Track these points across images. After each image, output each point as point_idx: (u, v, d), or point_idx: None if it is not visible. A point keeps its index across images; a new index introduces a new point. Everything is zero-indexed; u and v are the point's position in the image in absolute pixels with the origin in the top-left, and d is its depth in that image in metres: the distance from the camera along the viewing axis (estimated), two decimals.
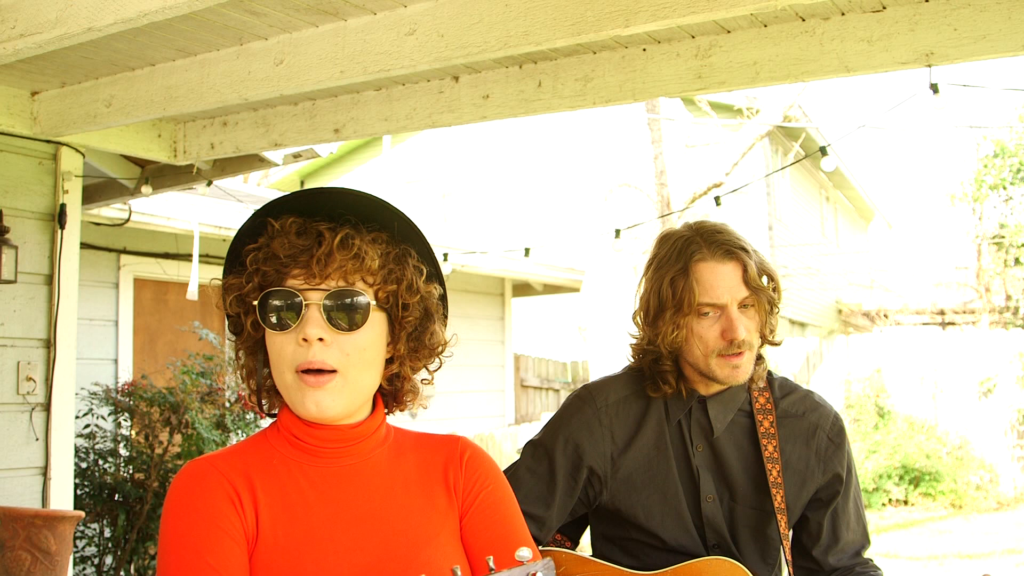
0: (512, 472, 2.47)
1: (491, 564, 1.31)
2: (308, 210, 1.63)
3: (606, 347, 13.10)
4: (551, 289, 13.11)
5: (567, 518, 2.50)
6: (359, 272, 1.60)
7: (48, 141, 4.79)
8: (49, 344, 4.69)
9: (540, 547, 2.40)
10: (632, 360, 2.53)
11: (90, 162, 5.39)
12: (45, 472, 4.65)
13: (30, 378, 4.60)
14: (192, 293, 6.09)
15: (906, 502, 13.33)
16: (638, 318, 2.47)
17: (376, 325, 1.62)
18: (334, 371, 1.57)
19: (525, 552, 1.28)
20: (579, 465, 2.42)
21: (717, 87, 3.71)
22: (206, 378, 6.16)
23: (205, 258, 6.21)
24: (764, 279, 2.34)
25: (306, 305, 1.57)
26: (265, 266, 1.59)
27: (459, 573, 1.26)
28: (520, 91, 4.11)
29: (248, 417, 6.20)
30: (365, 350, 1.61)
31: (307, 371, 1.56)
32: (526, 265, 11.53)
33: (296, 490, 1.61)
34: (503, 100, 4.15)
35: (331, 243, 1.58)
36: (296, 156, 5.45)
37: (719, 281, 2.30)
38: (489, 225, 17.33)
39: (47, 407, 4.66)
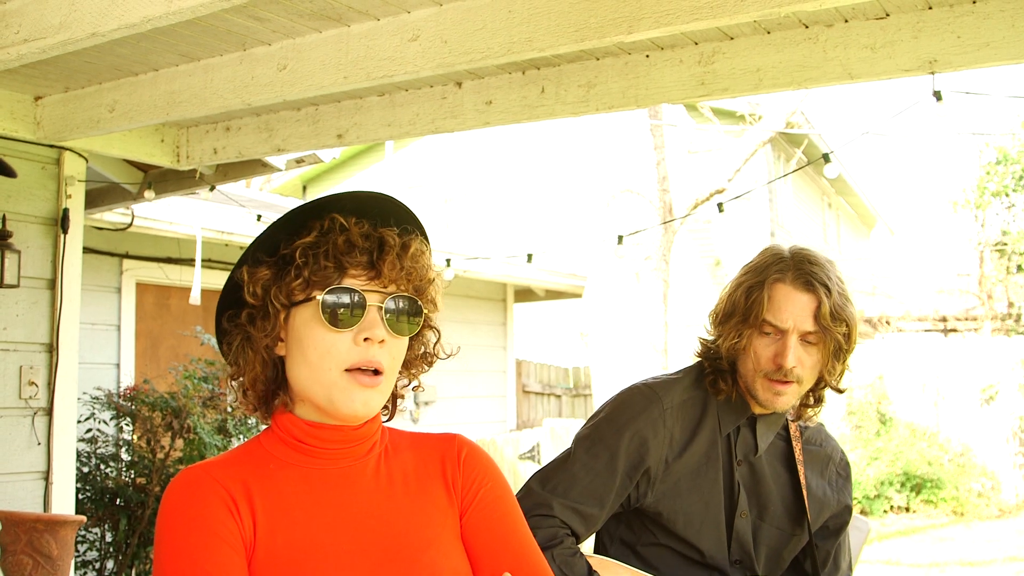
0: (565, 467, 2.42)
1: None
2: (356, 212, 1.63)
3: (608, 353, 13.09)
4: (553, 295, 13.11)
5: (605, 518, 2.47)
6: (419, 281, 1.64)
7: (51, 146, 4.80)
8: (51, 348, 4.69)
9: (580, 549, 2.37)
10: (697, 355, 2.55)
11: (93, 167, 5.39)
12: (47, 476, 4.65)
13: (32, 382, 4.61)
14: (195, 298, 6.10)
15: (908, 509, 13.31)
16: (712, 316, 2.51)
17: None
18: (383, 373, 1.59)
19: None
20: (640, 464, 2.39)
21: (720, 94, 3.71)
22: (208, 383, 6.16)
23: (208, 263, 6.22)
24: (838, 324, 2.31)
25: (369, 306, 1.57)
26: (325, 261, 1.56)
27: None
28: (523, 97, 4.12)
29: (250, 422, 6.20)
30: (403, 354, 1.64)
31: (360, 370, 1.56)
32: (528, 270, 11.53)
33: (294, 494, 1.59)
34: (506, 106, 4.16)
35: (400, 248, 1.61)
36: (299, 161, 5.46)
37: (788, 306, 2.31)
38: (491, 230, 17.34)
39: (49, 411, 4.66)
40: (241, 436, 6.15)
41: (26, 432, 4.59)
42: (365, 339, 1.56)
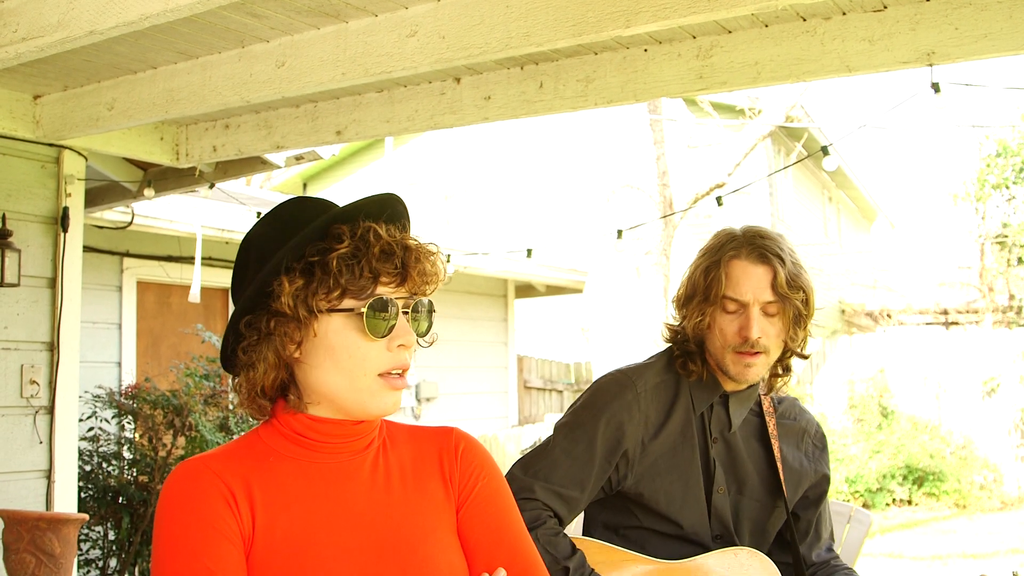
0: (546, 453, 2.50)
1: None
2: (376, 216, 1.64)
3: (609, 348, 13.10)
4: (554, 290, 13.11)
5: (587, 502, 2.55)
6: (433, 284, 1.67)
7: (50, 144, 4.80)
8: (52, 347, 4.70)
9: (562, 529, 2.44)
10: (665, 340, 2.64)
11: (92, 165, 5.39)
12: (49, 475, 4.65)
13: (34, 381, 4.61)
14: (194, 295, 6.10)
15: (910, 502, 13.32)
16: (675, 300, 2.62)
17: None
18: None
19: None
20: (617, 447, 2.48)
21: (719, 87, 3.71)
22: (209, 380, 6.16)
23: (208, 261, 6.23)
24: (795, 291, 2.42)
25: (400, 314, 1.61)
26: (363, 271, 1.57)
27: None
28: (522, 92, 4.12)
29: (252, 421, 6.20)
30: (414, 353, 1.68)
31: (391, 373, 1.60)
32: (528, 266, 11.53)
33: (293, 488, 1.60)
34: (505, 101, 4.16)
35: (419, 253, 1.63)
36: (298, 158, 5.46)
37: (746, 280, 2.42)
38: (491, 227, 17.33)
39: (51, 410, 4.67)
40: (242, 433, 6.14)
41: (28, 431, 4.60)
42: (399, 346, 1.60)
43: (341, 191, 18.03)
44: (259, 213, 6.73)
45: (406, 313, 1.61)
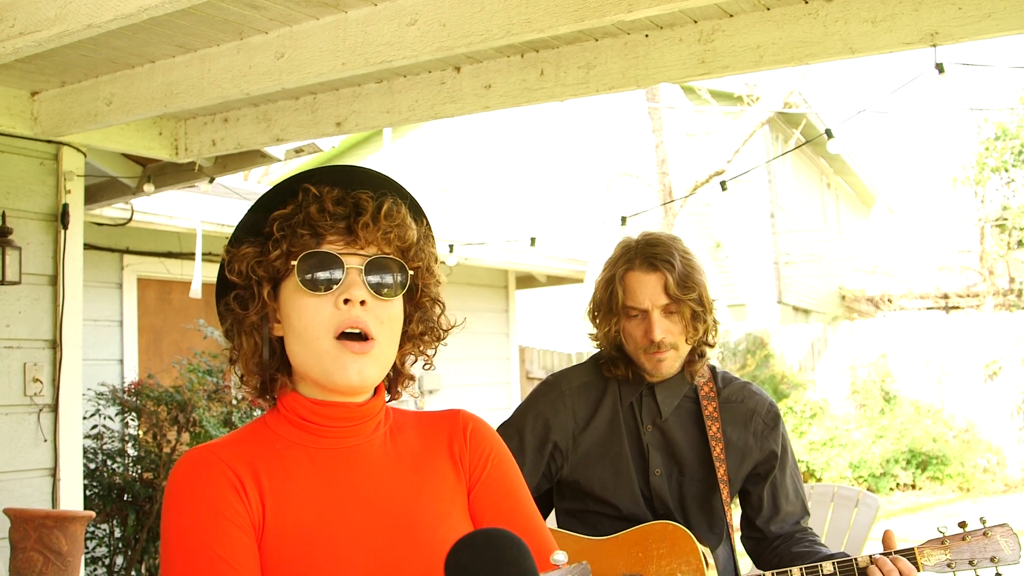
0: None
1: None
2: (332, 184, 1.62)
3: None
4: (554, 280, 13.09)
5: (534, 493, 2.79)
6: (398, 243, 1.63)
7: (49, 141, 4.78)
8: (55, 345, 4.68)
9: None
10: (594, 347, 2.92)
11: (91, 162, 5.37)
12: (54, 473, 4.64)
13: (37, 379, 4.59)
14: (195, 291, 6.08)
15: (914, 486, 13.32)
16: (588, 314, 2.89)
17: (401, 299, 1.65)
18: (373, 339, 1.57)
19: (560, 556, 1.28)
20: (546, 440, 2.80)
21: (721, 72, 3.69)
22: (212, 376, 6.15)
23: (208, 256, 6.19)
24: (687, 291, 2.67)
25: (347, 269, 1.57)
26: (301, 230, 1.56)
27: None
28: (522, 80, 4.09)
29: (255, 414, 6.19)
30: (395, 320, 1.63)
31: (349, 337, 1.55)
32: (529, 257, 11.51)
33: (302, 474, 1.57)
34: (506, 89, 4.14)
35: (375, 210, 1.60)
36: (298, 151, 5.43)
37: (641, 289, 2.69)
38: (491, 218, 17.31)
39: (55, 408, 4.65)
40: None
41: (32, 429, 4.58)
42: (346, 301, 1.56)
43: None
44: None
45: (359, 271, 1.57)
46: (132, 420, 6.20)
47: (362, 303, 1.56)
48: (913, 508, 12.22)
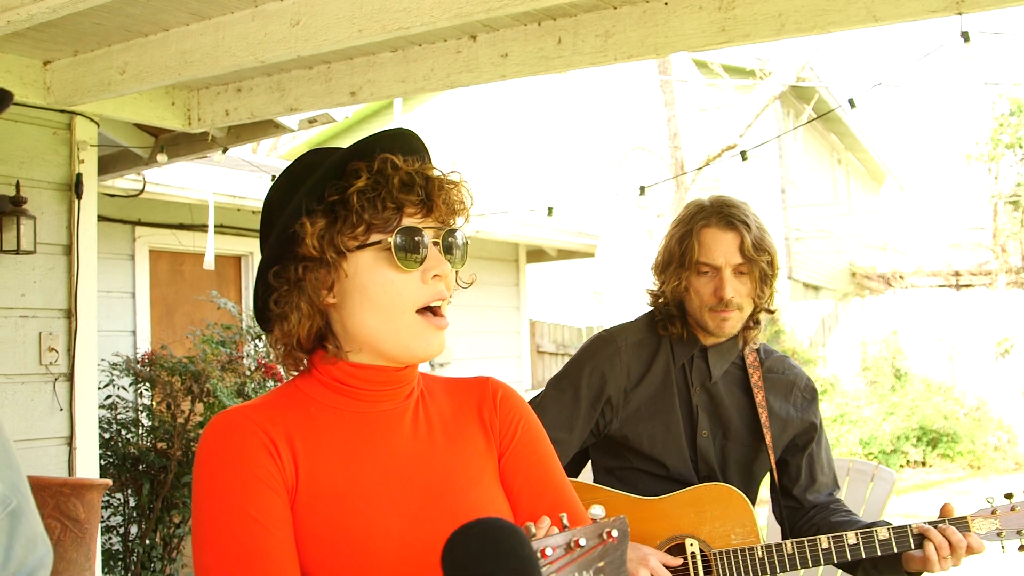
0: (537, 403, 2.83)
1: (565, 521, 1.29)
2: (394, 150, 1.59)
3: (622, 312, 13.06)
4: (565, 254, 13.07)
5: (581, 447, 2.88)
6: (460, 212, 1.64)
7: (62, 111, 4.76)
8: (70, 314, 4.68)
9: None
10: (648, 304, 2.94)
11: (104, 132, 5.35)
12: (70, 442, 4.65)
13: (52, 348, 4.60)
14: (209, 263, 6.08)
15: (924, 463, 13.30)
16: (654, 267, 2.91)
17: None
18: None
19: (598, 510, 1.26)
20: (600, 394, 2.81)
21: (741, 40, 3.64)
22: (226, 347, 6.15)
23: (220, 228, 6.19)
24: (761, 253, 2.72)
25: (430, 243, 1.56)
26: (383, 203, 1.53)
27: (533, 529, 1.24)
28: (540, 49, 4.05)
29: (268, 384, 6.19)
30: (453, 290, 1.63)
31: (432, 312, 1.56)
32: (540, 231, 11.48)
33: (336, 438, 1.56)
34: (522, 58, 4.09)
35: (443, 181, 1.60)
36: (311, 121, 5.40)
37: (717, 246, 2.72)
38: (501, 191, 17.26)
39: (70, 377, 4.66)
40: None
41: (48, 398, 4.59)
42: (434, 276, 1.55)
43: None
44: (273, 176, 6.70)
45: (437, 244, 1.57)
46: (146, 391, 6.21)
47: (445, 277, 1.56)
48: (923, 485, 12.21)
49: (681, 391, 2.85)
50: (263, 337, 6.38)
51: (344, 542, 1.47)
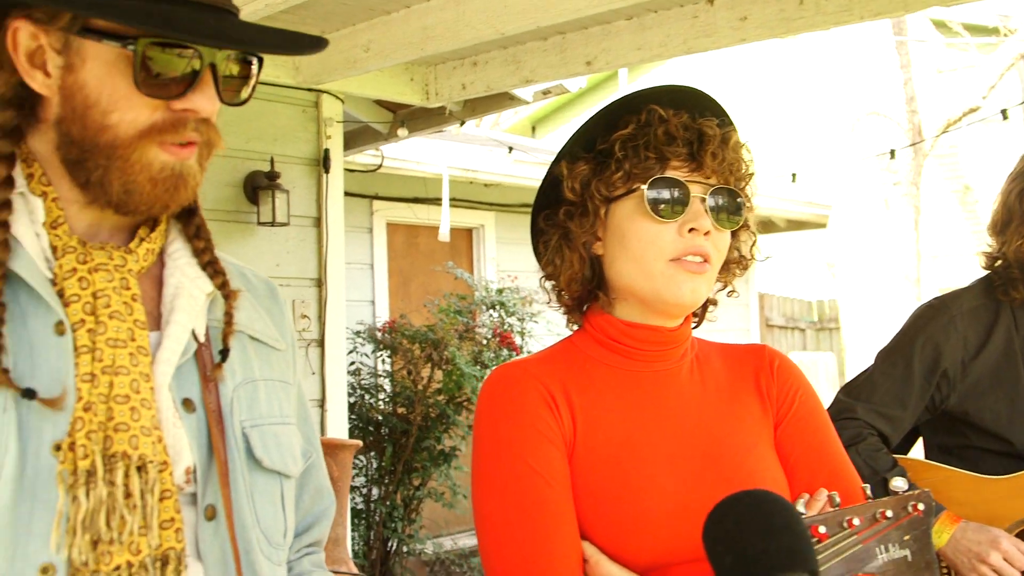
0: (865, 377, 2.64)
1: (868, 492, 1.26)
2: (672, 105, 1.58)
3: (857, 284, 12.60)
4: (794, 225, 12.69)
5: (914, 424, 2.65)
6: (739, 175, 1.59)
7: (310, 89, 5.00)
8: (320, 283, 4.92)
9: (885, 449, 2.56)
10: (984, 268, 2.67)
11: (346, 109, 5.58)
12: (322, 404, 4.89)
13: (304, 316, 4.84)
14: (444, 235, 6.25)
15: None
16: (991, 228, 2.65)
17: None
18: (708, 262, 1.54)
19: (900, 483, 1.22)
20: (935, 367, 2.55)
21: None
22: (463, 316, 6.32)
23: (455, 201, 6.35)
24: None
25: (693, 197, 1.53)
26: (646, 152, 1.53)
27: (801, 505, 1.21)
28: (780, 10, 3.93)
29: (504, 354, 6.32)
30: (726, 249, 1.59)
31: (686, 260, 1.53)
32: (769, 201, 11.19)
33: (612, 395, 1.56)
34: (762, 20, 3.98)
35: (720, 140, 1.56)
36: (545, 92, 5.46)
37: None
38: None
39: (321, 343, 4.90)
40: (494, 367, 6.28)
41: (301, 363, 4.83)
42: (690, 230, 1.52)
43: (569, 131, 18.06)
44: (511, 148, 6.81)
45: (703, 200, 1.53)
46: (388, 357, 6.46)
47: (706, 233, 1.52)
48: None
49: None
50: (496, 307, 6.52)
51: (620, 498, 1.48)
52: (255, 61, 1.33)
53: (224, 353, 1.34)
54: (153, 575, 1.20)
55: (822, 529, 1.29)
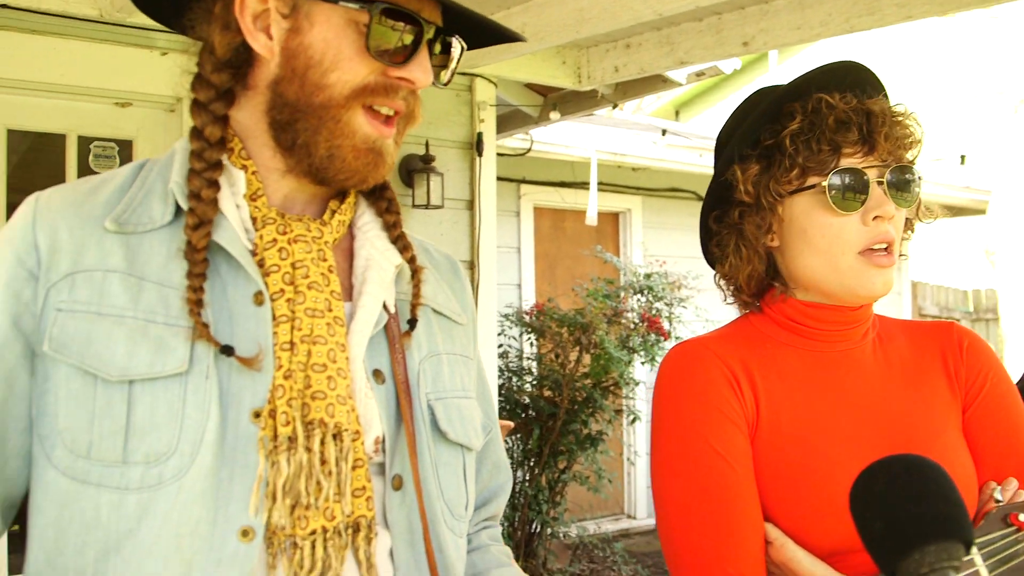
0: None
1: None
2: (831, 86, 1.54)
3: (1018, 274, 12.07)
4: (950, 211, 12.24)
5: None
6: (909, 147, 1.55)
7: (463, 73, 5.03)
8: (472, 266, 4.97)
9: None
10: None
11: (498, 93, 5.61)
12: None
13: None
14: (591, 219, 6.24)
15: None
16: None
17: None
18: (891, 248, 1.50)
19: None
20: None
21: None
22: (611, 300, 6.30)
23: (603, 186, 6.32)
24: None
25: (872, 184, 1.49)
26: (819, 145, 1.49)
27: (998, 492, 1.16)
28: None
29: (651, 338, 6.29)
30: (902, 230, 1.54)
31: (874, 250, 1.49)
32: (923, 185, 10.82)
33: (794, 375, 1.53)
34: None
35: (886, 117, 1.51)
36: (699, 74, 5.38)
37: None
38: None
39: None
40: (642, 351, 6.25)
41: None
42: (875, 218, 1.48)
43: (715, 116, 17.78)
44: (664, 131, 6.73)
45: (880, 183, 1.49)
46: (535, 340, 6.50)
47: (890, 218, 1.49)
48: None
49: None
50: (644, 292, 6.48)
51: (804, 481, 1.45)
52: (456, 46, 1.36)
53: (412, 323, 1.37)
54: (346, 541, 1.24)
55: (1022, 517, 1.24)
